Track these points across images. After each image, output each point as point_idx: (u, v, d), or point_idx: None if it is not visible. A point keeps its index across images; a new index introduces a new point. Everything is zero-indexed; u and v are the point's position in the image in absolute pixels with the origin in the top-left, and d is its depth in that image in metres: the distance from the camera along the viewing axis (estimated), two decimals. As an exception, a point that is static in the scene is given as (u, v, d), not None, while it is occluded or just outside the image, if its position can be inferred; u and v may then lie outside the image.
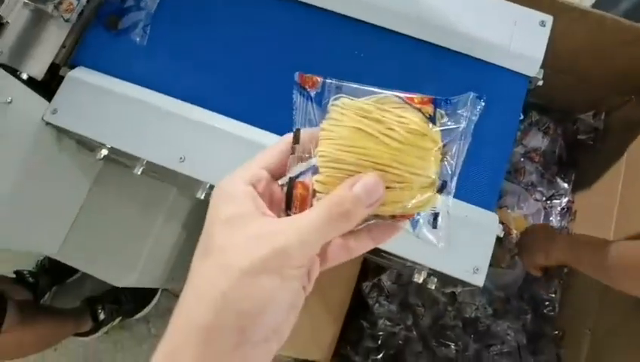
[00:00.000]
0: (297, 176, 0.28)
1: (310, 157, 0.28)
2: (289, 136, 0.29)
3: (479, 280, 0.59)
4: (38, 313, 1.05)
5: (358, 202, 0.25)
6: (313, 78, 0.29)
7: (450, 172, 0.29)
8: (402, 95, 0.28)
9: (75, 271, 1.38)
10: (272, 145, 0.29)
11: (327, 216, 0.25)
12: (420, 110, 0.27)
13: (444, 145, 0.28)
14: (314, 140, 0.28)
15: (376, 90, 0.29)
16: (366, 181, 0.25)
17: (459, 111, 0.28)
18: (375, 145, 0.26)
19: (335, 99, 0.28)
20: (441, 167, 0.28)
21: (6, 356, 0.99)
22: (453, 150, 0.29)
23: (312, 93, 0.29)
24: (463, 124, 0.28)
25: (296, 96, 0.29)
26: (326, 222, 0.25)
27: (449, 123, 0.28)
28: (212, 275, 0.24)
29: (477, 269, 0.60)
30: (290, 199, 0.27)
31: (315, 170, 0.27)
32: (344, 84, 0.29)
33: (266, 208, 0.26)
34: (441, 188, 0.28)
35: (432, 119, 0.28)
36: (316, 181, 0.27)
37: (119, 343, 1.34)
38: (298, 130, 0.29)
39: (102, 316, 1.23)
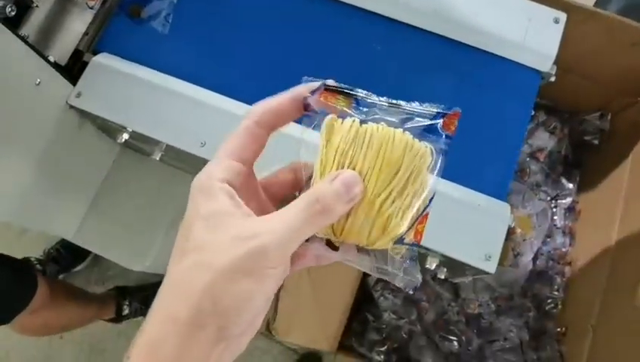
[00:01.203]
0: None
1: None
2: (246, 124, 0.28)
3: (491, 267, 0.61)
4: (67, 294, 1.06)
5: (337, 197, 0.25)
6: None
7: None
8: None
9: (81, 261, 1.39)
10: (235, 132, 0.28)
11: (306, 213, 0.25)
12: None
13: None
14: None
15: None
16: (345, 176, 0.25)
17: None
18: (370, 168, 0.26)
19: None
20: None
21: (32, 333, 1.01)
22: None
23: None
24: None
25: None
26: (306, 220, 0.25)
27: None
28: (191, 273, 0.24)
29: (489, 256, 0.61)
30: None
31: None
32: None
33: (243, 205, 0.26)
34: (399, 241, 0.27)
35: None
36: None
37: (123, 332, 1.36)
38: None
39: (126, 311, 1.23)
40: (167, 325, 0.24)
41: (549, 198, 1.19)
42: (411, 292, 0.29)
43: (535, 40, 0.70)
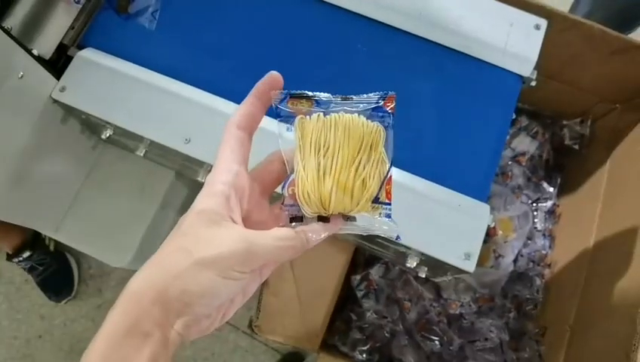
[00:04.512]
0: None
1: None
2: (231, 131, 0.33)
3: (470, 266, 0.62)
4: None
5: (305, 244, 0.31)
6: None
7: None
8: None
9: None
10: (225, 141, 0.33)
11: (281, 243, 0.30)
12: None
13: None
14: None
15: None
16: (312, 229, 0.32)
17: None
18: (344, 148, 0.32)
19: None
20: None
21: None
22: None
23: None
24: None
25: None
26: (279, 248, 0.30)
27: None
28: (173, 254, 0.29)
29: (468, 256, 0.62)
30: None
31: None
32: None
33: (235, 212, 0.31)
34: (375, 200, 0.33)
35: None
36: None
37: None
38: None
39: (23, 257, 1.19)
40: (146, 288, 0.28)
41: (530, 201, 1.21)
42: (396, 238, 0.35)
43: (517, 45, 0.71)
